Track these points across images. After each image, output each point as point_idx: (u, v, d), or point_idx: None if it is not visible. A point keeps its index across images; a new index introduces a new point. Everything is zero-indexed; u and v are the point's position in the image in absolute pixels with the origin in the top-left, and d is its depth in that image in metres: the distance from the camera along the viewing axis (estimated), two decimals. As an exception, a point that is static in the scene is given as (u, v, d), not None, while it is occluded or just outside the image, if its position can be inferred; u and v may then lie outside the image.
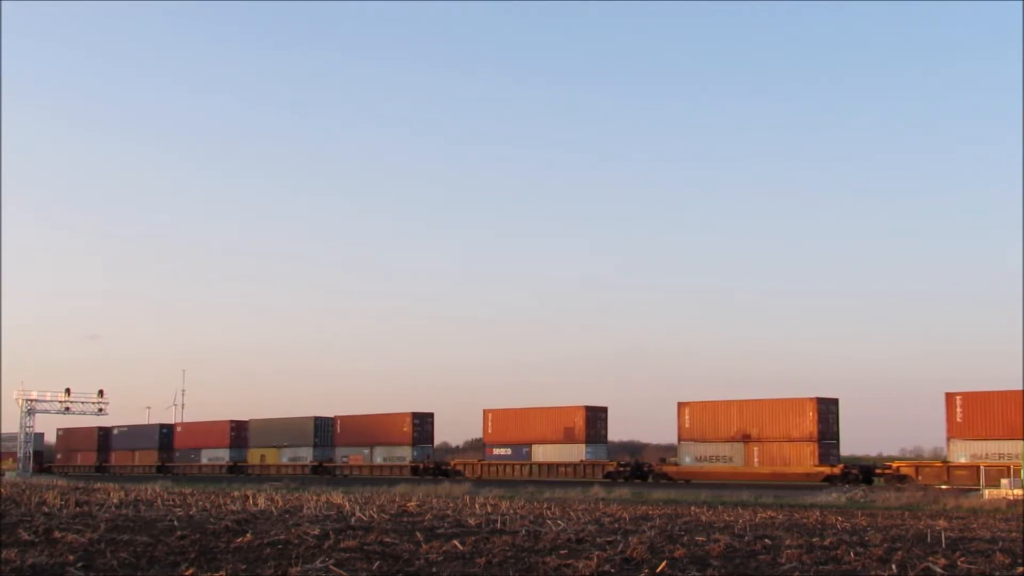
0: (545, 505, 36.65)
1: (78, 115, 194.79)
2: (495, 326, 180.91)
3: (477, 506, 35.03)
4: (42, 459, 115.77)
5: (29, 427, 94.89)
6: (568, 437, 73.20)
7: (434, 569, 15.85)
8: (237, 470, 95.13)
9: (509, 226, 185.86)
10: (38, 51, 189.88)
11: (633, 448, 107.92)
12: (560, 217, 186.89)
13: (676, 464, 67.78)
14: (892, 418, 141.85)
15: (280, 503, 35.01)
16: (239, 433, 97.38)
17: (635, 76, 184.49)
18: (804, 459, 61.69)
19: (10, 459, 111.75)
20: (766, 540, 21.15)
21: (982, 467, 52.45)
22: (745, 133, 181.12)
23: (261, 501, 35.85)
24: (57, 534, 20.83)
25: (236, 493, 43.75)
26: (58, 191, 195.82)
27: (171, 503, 34.80)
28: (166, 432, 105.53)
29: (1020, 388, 55.33)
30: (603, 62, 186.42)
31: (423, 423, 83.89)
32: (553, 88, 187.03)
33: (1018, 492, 43.59)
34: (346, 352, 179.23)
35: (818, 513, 33.55)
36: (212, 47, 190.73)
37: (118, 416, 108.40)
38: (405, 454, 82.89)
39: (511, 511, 31.63)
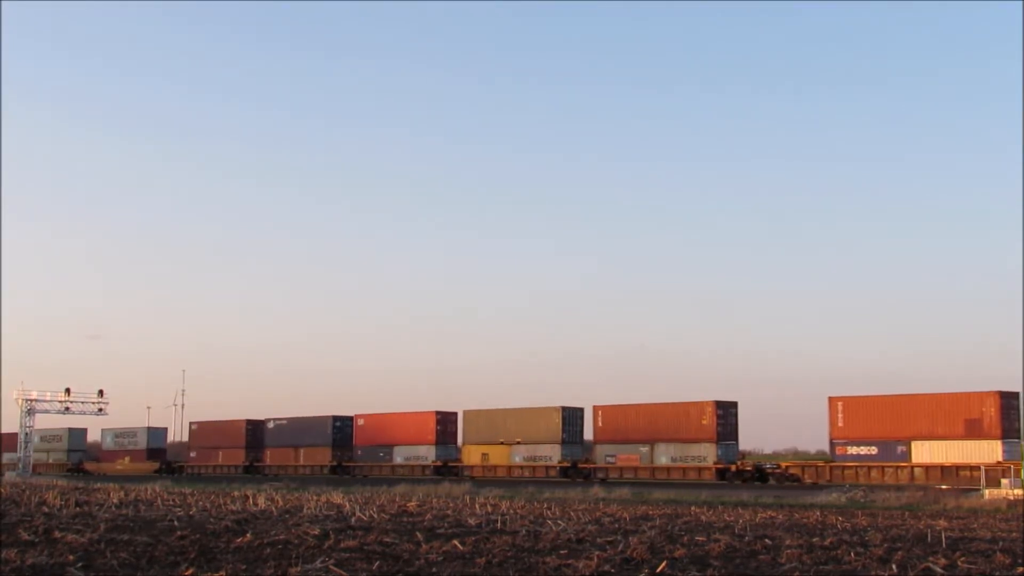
0: (545, 505, 36.66)
1: (78, 115, 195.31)
2: (495, 325, 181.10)
3: (477, 506, 35.05)
4: (165, 457, 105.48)
5: (29, 427, 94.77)
6: (971, 432, 57.90)
7: (434, 569, 15.84)
8: (447, 471, 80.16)
9: (509, 226, 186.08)
10: (38, 51, 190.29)
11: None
12: (561, 217, 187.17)
13: None
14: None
15: (280, 503, 35.03)
16: (445, 427, 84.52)
17: (635, 76, 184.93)
18: None
19: (127, 457, 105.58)
20: (766, 540, 21.13)
21: (983, 467, 52.32)
22: (745, 133, 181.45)
23: (261, 501, 35.86)
24: (57, 534, 20.82)
25: (236, 493, 43.76)
26: (58, 191, 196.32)
27: (171, 503, 34.80)
28: (341, 425, 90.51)
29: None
30: (603, 62, 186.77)
31: (727, 415, 68.41)
32: (553, 88, 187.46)
33: (1018, 492, 43.58)
34: (345, 352, 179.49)
35: (818, 513, 33.56)
36: (212, 47, 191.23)
37: (118, 416, 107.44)
38: (706, 453, 67.64)
39: (511, 511, 31.63)
